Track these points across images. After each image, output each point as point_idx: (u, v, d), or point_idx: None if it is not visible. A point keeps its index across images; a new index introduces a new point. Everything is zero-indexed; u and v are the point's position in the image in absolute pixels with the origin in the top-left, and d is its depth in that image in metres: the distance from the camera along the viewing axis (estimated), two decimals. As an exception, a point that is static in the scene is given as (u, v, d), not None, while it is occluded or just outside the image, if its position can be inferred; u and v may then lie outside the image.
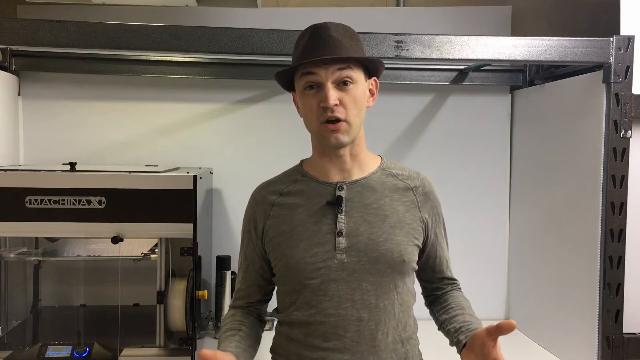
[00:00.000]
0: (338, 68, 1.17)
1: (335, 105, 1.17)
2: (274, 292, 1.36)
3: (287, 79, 1.27)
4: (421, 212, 1.28)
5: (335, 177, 1.27)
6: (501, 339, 1.10)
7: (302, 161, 1.35)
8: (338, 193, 1.24)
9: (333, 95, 1.16)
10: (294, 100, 1.29)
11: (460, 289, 1.40)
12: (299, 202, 1.26)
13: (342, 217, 1.22)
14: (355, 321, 1.19)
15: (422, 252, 1.31)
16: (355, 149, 1.26)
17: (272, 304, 1.39)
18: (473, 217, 2.46)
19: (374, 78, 1.28)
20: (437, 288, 1.38)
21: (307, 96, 1.20)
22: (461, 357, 1.20)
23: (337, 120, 1.18)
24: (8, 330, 1.96)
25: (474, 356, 1.14)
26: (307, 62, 1.17)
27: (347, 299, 1.20)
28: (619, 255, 1.80)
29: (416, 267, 1.29)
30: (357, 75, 1.20)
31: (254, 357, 1.28)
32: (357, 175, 1.27)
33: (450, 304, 1.33)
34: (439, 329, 1.33)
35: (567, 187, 2.03)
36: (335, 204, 1.23)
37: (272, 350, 1.33)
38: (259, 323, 1.36)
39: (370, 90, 1.27)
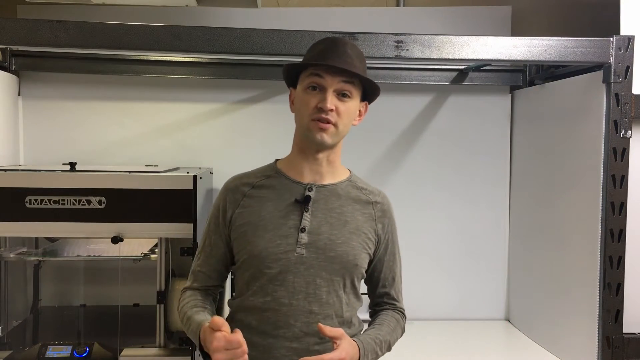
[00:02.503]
0: (343, 80, 1.28)
1: (331, 110, 1.26)
2: (231, 281, 1.40)
3: (291, 75, 1.35)
4: (376, 226, 1.38)
5: (307, 177, 1.36)
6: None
7: (276, 160, 1.43)
8: (307, 193, 1.33)
9: (332, 101, 1.27)
10: (290, 94, 1.38)
11: (400, 312, 1.43)
12: (270, 196, 1.35)
13: (307, 216, 1.31)
14: (306, 313, 1.28)
15: (370, 262, 1.39)
16: (332, 157, 1.36)
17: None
18: (473, 217, 2.46)
19: (366, 102, 1.38)
20: (378, 304, 1.45)
21: (308, 94, 1.29)
22: None
23: (328, 121, 1.27)
24: (8, 330, 1.96)
25: None
26: (320, 65, 1.27)
27: (300, 290, 1.28)
28: (619, 255, 1.80)
29: (365, 274, 1.39)
30: (356, 92, 1.31)
31: None
32: (327, 180, 1.37)
33: (375, 320, 1.40)
34: None
35: (567, 187, 2.02)
36: (303, 202, 1.32)
37: None
38: (214, 305, 1.41)
39: (359, 111, 1.37)
